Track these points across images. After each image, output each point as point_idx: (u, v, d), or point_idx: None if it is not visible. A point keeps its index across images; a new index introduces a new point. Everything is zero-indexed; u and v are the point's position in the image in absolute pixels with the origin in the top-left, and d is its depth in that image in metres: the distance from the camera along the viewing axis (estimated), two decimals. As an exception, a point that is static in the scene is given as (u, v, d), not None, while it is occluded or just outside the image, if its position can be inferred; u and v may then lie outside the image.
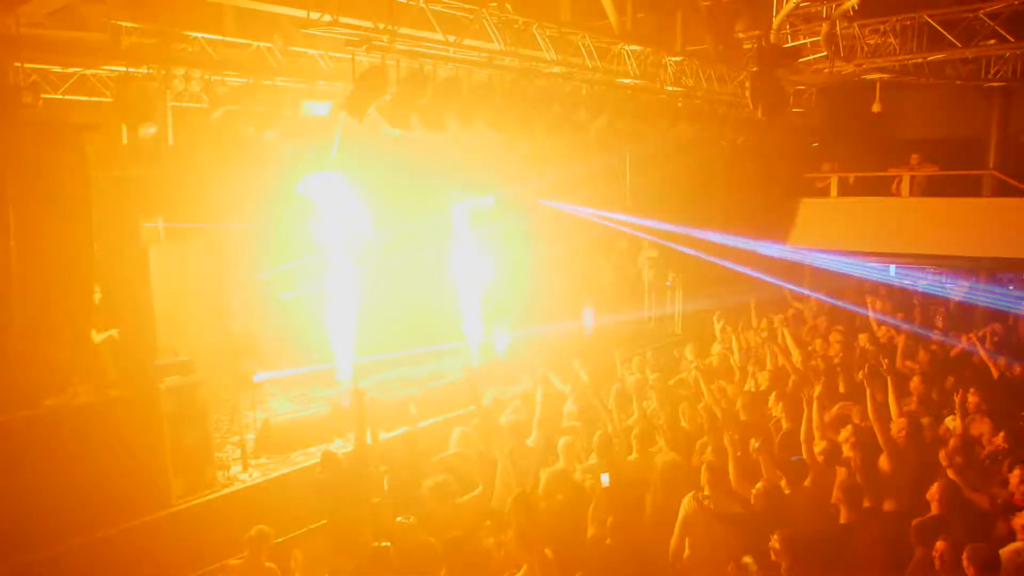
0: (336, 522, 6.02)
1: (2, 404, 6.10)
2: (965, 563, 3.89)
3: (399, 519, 5.07)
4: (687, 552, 4.97)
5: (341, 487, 5.97)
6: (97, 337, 7.55)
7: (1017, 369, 7.57)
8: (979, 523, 4.86)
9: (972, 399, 6.28)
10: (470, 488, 5.86)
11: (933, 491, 4.78)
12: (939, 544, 4.12)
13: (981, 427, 6.02)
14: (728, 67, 9.70)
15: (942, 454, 5.31)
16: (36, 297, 6.43)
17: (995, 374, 7.30)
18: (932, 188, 12.36)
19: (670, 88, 9.36)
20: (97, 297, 7.21)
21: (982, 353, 7.58)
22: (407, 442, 6.55)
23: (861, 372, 6.16)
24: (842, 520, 4.83)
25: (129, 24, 7.19)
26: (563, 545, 4.64)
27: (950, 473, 5.09)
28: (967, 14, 8.34)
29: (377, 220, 9.67)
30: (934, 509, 4.70)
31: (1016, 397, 6.96)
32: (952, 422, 6.17)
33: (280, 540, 5.48)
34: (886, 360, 6.34)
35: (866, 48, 8.97)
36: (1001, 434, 5.76)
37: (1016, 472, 4.97)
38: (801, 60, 9.15)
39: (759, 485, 4.94)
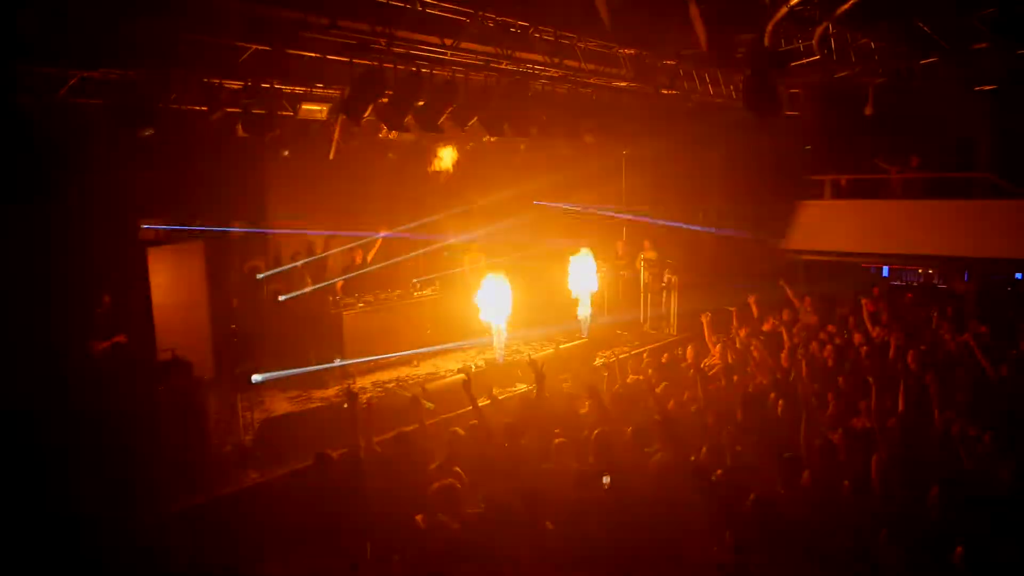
0: (331, 524, 6.03)
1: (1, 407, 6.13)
2: None
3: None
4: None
5: (336, 488, 5.97)
6: (101, 347, 7.56)
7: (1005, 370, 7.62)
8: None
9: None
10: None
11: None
12: None
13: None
14: (722, 70, 9.79)
15: None
16: (35, 299, 6.47)
17: (992, 375, 7.35)
18: (925, 190, 12.45)
19: (665, 91, 9.45)
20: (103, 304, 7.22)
21: (977, 354, 7.62)
22: (404, 442, 6.55)
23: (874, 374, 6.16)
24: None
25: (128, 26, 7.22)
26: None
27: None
28: (959, 17, 8.41)
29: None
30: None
31: (1009, 397, 7.01)
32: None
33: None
34: (879, 361, 6.39)
35: (859, 51, 9.04)
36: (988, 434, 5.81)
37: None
38: (795, 64, 9.24)
39: (752, 496, 4.95)
